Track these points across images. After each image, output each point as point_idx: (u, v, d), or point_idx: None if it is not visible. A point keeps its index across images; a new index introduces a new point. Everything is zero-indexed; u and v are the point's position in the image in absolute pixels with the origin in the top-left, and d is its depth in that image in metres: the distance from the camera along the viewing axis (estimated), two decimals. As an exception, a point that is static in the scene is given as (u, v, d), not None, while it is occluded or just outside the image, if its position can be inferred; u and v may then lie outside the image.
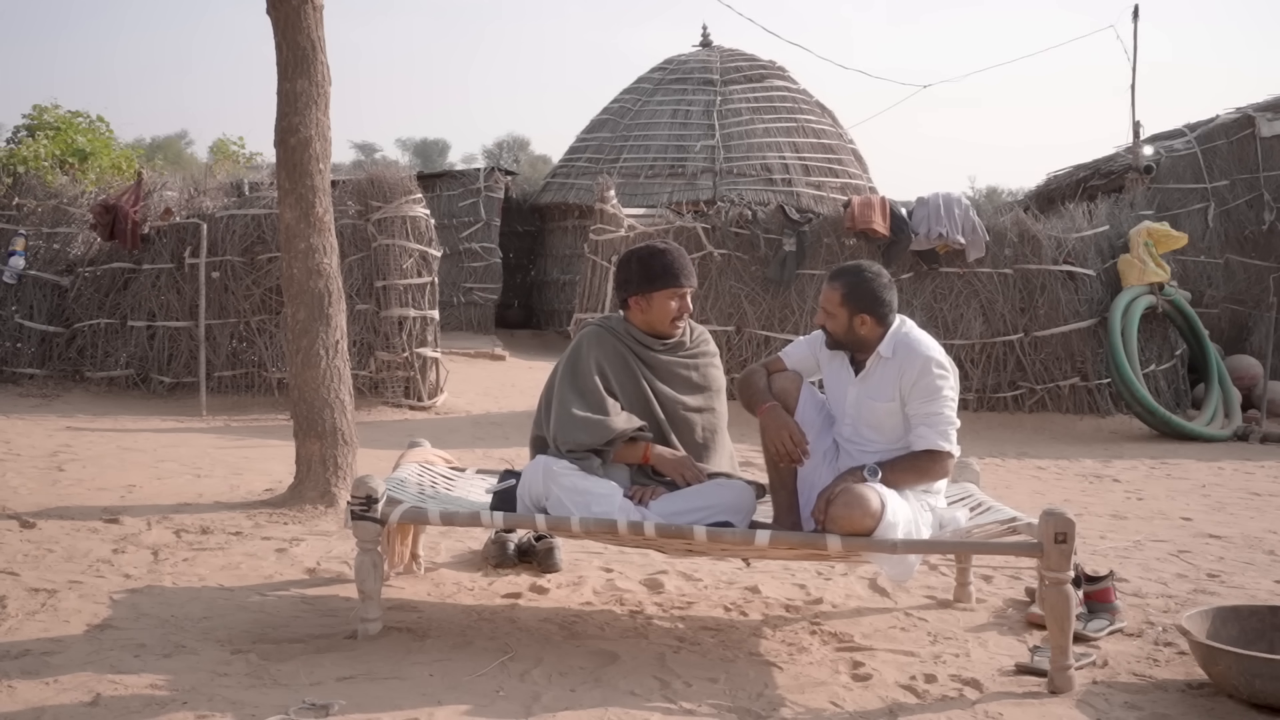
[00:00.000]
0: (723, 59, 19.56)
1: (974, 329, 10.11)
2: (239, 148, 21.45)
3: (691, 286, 4.04)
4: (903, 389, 3.73)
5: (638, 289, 4.01)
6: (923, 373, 3.71)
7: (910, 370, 3.72)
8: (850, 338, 3.81)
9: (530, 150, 52.90)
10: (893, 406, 3.76)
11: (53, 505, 5.54)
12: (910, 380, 3.71)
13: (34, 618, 3.76)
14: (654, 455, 3.90)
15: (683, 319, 4.05)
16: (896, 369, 3.75)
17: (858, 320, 3.77)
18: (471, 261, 17.84)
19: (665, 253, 4.01)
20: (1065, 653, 3.32)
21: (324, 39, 5.89)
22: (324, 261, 5.84)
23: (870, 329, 3.78)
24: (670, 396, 4.01)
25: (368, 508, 3.60)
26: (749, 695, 3.24)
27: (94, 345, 10.52)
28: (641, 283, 4.00)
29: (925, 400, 3.71)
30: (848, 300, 3.77)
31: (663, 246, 4.04)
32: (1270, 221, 11.73)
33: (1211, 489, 7.11)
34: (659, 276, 3.98)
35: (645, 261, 4.01)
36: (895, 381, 3.74)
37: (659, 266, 3.99)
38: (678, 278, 3.99)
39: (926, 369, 3.72)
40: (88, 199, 11.25)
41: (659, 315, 4.01)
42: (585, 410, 3.87)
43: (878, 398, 3.77)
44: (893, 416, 3.77)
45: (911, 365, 3.73)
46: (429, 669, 3.36)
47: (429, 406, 10.06)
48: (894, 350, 3.77)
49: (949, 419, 3.72)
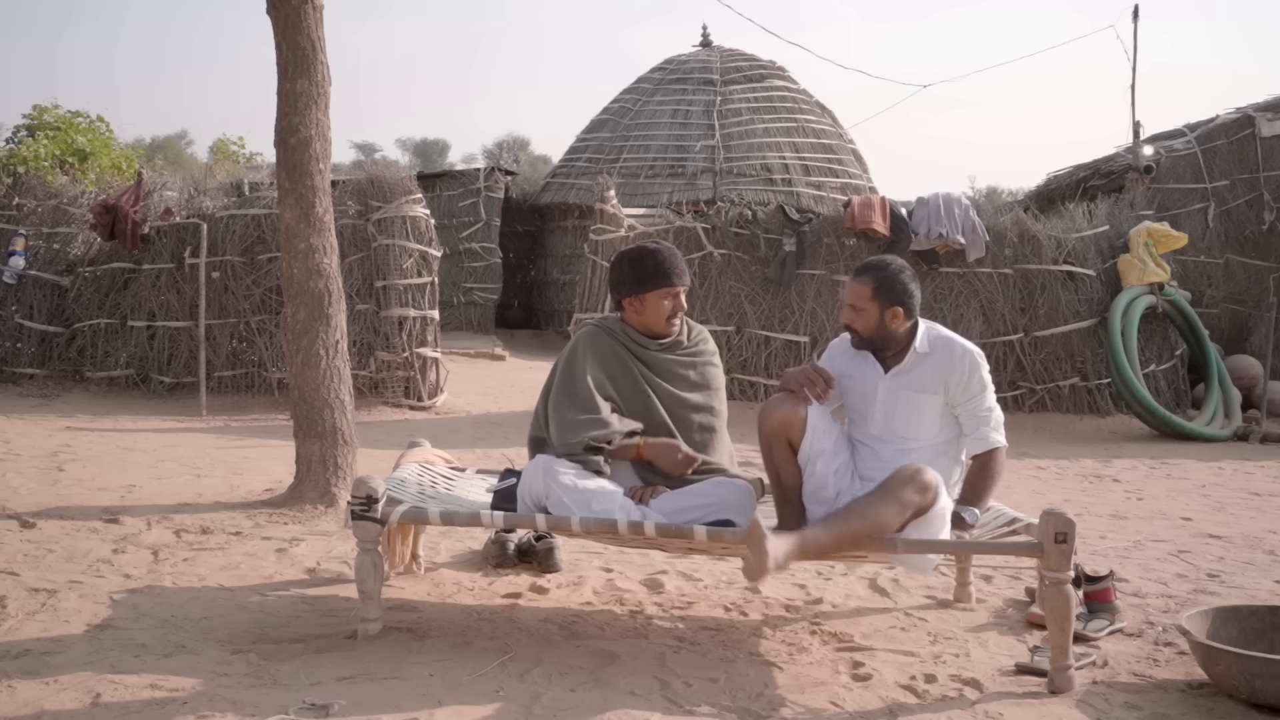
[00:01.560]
0: (723, 59, 19.56)
1: (974, 329, 10.10)
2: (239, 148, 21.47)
3: (684, 285, 4.03)
4: (950, 386, 3.73)
5: (630, 290, 4.00)
6: (973, 368, 3.74)
7: (959, 366, 3.73)
8: (881, 333, 3.78)
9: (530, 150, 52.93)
10: (936, 400, 3.75)
11: (53, 505, 5.53)
12: (961, 378, 3.73)
13: (34, 618, 3.76)
14: (647, 446, 3.90)
15: (677, 318, 4.04)
16: (937, 365, 3.75)
17: (889, 314, 3.75)
18: (471, 261, 17.84)
19: (656, 252, 4.00)
20: (1065, 653, 3.31)
21: (324, 39, 5.89)
22: (324, 261, 5.84)
23: (901, 323, 3.77)
24: (669, 394, 4.00)
25: (368, 508, 3.60)
26: (749, 695, 3.24)
27: (94, 345, 10.52)
28: (634, 284, 4.00)
29: (978, 396, 3.74)
30: (879, 294, 3.75)
31: (654, 246, 4.03)
32: (1270, 221, 11.73)
33: (1211, 489, 7.11)
34: (651, 277, 3.97)
35: (637, 262, 4.00)
36: (939, 377, 3.74)
37: (650, 267, 3.98)
38: (670, 277, 3.98)
39: (976, 364, 3.74)
40: (88, 199, 11.25)
41: (653, 315, 4.00)
42: (579, 412, 3.87)
43: (922, 390, 3.75)
44: (934, 410, 3.75)
45: (960, 361, 3.74)
46: (429, 669, 3.36)
47: (429, 406, 10.06)
48: (931, 346, 3.77)
49: (999, 413, 3.78)
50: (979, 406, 3.74)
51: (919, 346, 3.78)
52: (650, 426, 3.96)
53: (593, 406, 3.88)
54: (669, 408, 3.99)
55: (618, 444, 3.86)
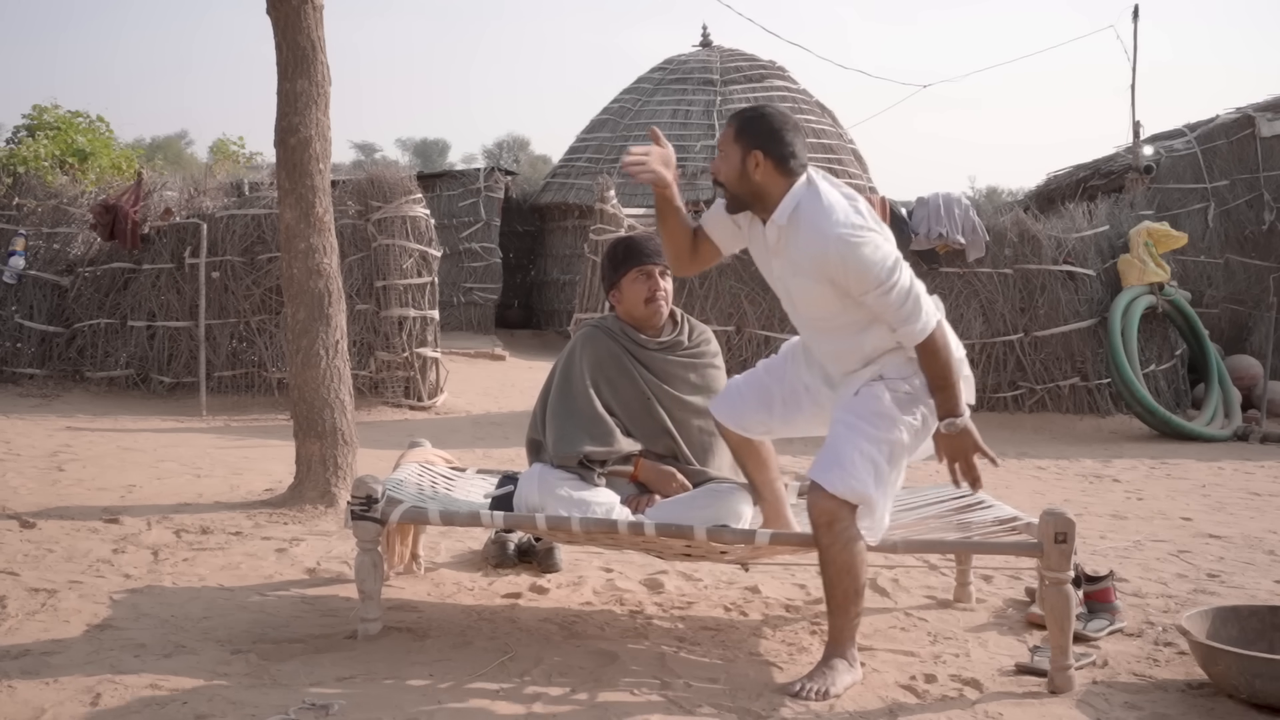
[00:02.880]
0: (723, 59, 19.56)
1: (974, 329, 10.11)
2: (239, 148, 21.47)
3: (659, 264, 3.90)
4: (833, 279, 3.12)
5: (609, 280, 4.00)
6: (842, 258, 3.06)
7: (828, 260, 3.09)
8: (745, 187, 3.18)
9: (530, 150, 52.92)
10: (823, 290, 3.16)
11: (53, 505, 5.53)
12: (837, 271, 3.09)
13: (34, 618, 3.76)
14: (642, 470, 3.89)
15: (657, 301, 3.94)
16: (802, 249, 3.15)
17: (750, 160, 3.15)
18: (471, 261, 17.84)
19: (629, 237, 4.01)
20: (1065, 653, 3.31)
21: (324, 39, 5.89)
22: (324, 261, 5.84)
23: (767, 175, 3.16)
24: (670, 397, 3.98)
25: (368, 508, 3.60)
26: (749, 695, 3.23)
27: (94, 345, 10.52)
28: (610, 273, 3.99)
29: (871, 292, 3.09)
30: (741, 135, 3.18)
31: (628, 233, 4.02)
32: (1270, 221, 11.73)
33: (1211, 489, 7.11)
34: (622, 260, 3.95)
35: (611, 251, 4.00)
36: (814, 266, 3.13)
37: (621, 251, 3.96)
38: (639, 256, 3.92)
39: (842, 251, 3.06)
40: (88, 199, 11.25)
41: (632, 301, 3.96)
42: (577, 422, 3.86)
43: (802, 273, 3.18)
44: (828, 300, 3.19)
45: (821, 251, 3.09)
46: (429, 669, 3.36)
47: (429, 406, 10.06)
48: (789, 218, 3.16)
49: (903, 292, 3.09)
50: (878, 304, 3.10)
51: (776, 217, 3.15)
52: (650, 430, 3.95)
53: (591, 418, 3.86)
54: (669, 411, 3.97)
55: (611, 466, 3.85)
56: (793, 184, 3.17)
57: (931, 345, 3.16)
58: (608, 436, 3.86)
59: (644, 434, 3.96)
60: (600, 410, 3.89)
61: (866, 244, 3.09)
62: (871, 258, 3.08)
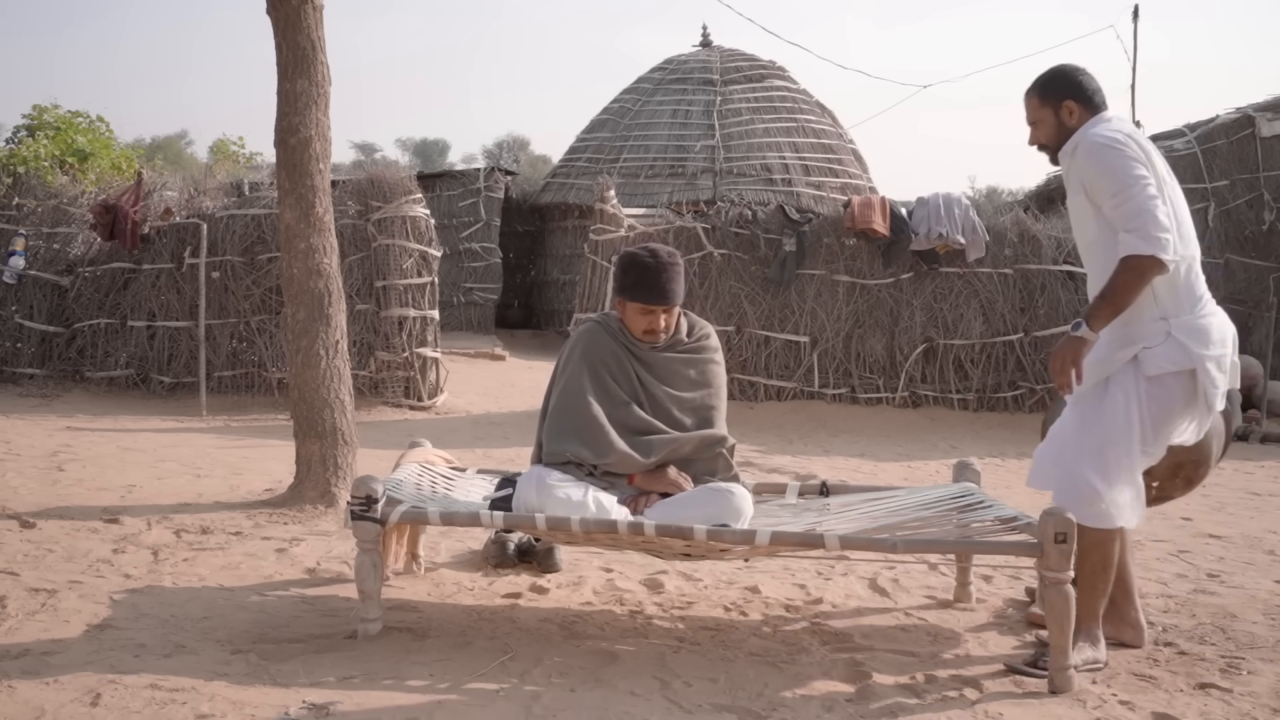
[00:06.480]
0: (723, 59, 19.57)
1: (974, 329, 10.11)
2: (239, 148, 21.49)
3: (665, 306, 3.88)
4: (1086, 187, 3.38)
5: (618, 290, 3.99)
6: (1086, 163, 3.34)
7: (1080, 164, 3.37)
8: (1066, 136, 3.48)
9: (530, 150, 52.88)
10: (1080, 203, 3.43)
11: (53, 505, 5.53)
12: (1084, 170, 3.35)
13: (34, 618, 3.76)
14: (640, 476, 3.89)
15: (656, 335, 3.93)
16: (1072, 163, 3.44)
17: (1064, 111, 3.47)
18: (471, 261, 17.85)
19: (648, 267, 3.87)
20: (1065, 653, 3.31)
21: (324, 39, 5.90)
22: (324, 261, 5.84)
23: (1082, 117, 3.46)
24: (668, 395, 3.98)
25: (368, 508, 3.60)
26: (749, 695, 3.23)
27: (94, 345, 10.53)
28: (619, 287, 3.97)
29: (1106, 200, 3.31)
30: (1046, 96, 3.48)
31: (649, 260, 3.87)
32: (1270, 221, 11.72)
33: (1211, 489, 7.10)
34: (631, 288, 3.92)
35: (627, 266, 3.93)
36: (1075, 172, 3.43)
37: (634, 277, 3.90)
38: (648, 296, 3.87)
39: (1092, 152, 3.32)
40: (88, 199, 11.25)
41: (632, 323, 3.96)
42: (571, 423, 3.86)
43: (1072, 194, 3.47)
44: (1084, 220, 3.45)
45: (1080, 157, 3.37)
46: (429, 669, 3.36)
47: (429, 406, 10.06)
48: (1075, 142, 3.44)
49: (1138, 208, 3.24)
50: (1113, 214, 3.30)
51: (1067, 146, 3.45)
52: (645, 425, 3.95)
53: (585, 419, 3.86)
54: (668, 409, 3.97)
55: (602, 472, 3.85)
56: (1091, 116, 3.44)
57: (1134, 265, 3.26)
58: (598, 442, 3.84)
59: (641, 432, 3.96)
60: (594, 413, 3.87)
61: (1115, 155, 3.30)
62: (1114, 165, 3.29)
